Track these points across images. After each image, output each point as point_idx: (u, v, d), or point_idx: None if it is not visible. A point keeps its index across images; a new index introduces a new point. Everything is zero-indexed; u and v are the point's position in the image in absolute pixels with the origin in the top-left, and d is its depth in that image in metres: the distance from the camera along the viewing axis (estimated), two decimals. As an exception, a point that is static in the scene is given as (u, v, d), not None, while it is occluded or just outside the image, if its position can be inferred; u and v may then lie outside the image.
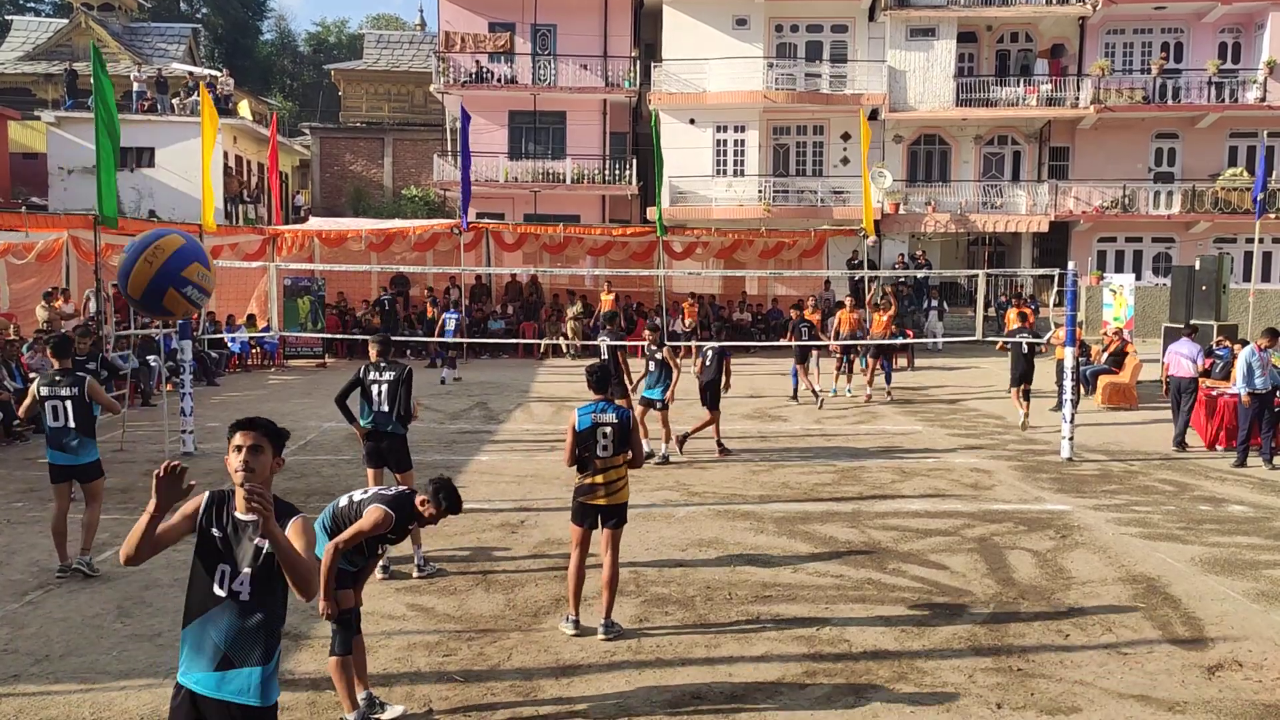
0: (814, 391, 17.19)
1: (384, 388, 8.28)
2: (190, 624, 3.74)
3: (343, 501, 5.82)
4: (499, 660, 6.46)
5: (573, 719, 5.68)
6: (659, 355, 12.42)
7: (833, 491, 11.02)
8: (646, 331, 12.99)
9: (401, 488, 5.96)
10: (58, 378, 8.18)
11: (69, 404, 8.08)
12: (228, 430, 3.82)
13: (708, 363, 13.14)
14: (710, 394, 12.96)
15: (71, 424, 8.08)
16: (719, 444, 12.95)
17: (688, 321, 22.48)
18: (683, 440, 12.82)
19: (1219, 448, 13.61)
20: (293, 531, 3.66)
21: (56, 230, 19.19)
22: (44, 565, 8.14)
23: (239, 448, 3.71)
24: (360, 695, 5.64)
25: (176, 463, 3.58)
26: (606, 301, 23.66)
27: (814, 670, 6.32)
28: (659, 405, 12.42)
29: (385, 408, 8.26)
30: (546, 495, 10.78)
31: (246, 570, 3.69)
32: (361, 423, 8.36)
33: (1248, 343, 13.28)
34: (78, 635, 6.82)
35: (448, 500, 5.74)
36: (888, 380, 18.34)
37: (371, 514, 5.52)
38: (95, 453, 8.26)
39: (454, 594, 7.69)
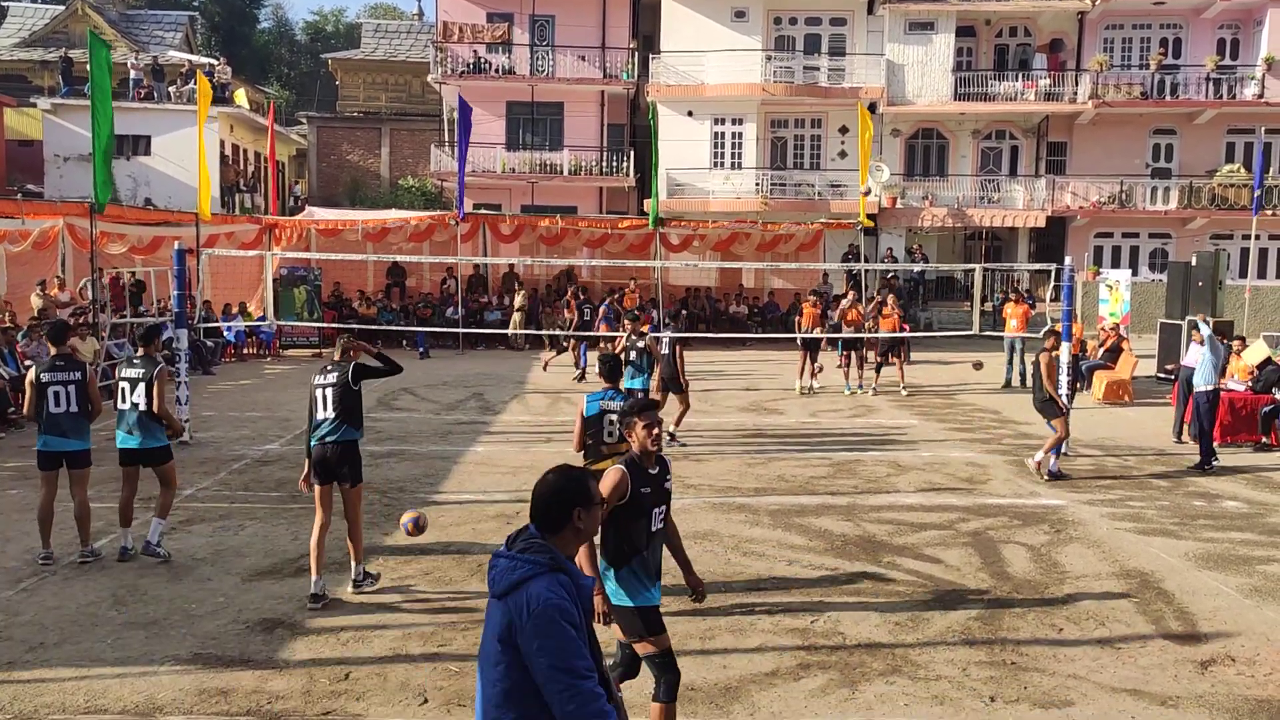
0: (806, 388, 17.54)
1: (329, 391, 7.32)
2: None
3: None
4: (494, 651, 6.46)
5: (567, 709, 5.68)
6: (640, 345, 12.45)
7: (828, 485, 11.04)
8: (626, 322, 13.05)
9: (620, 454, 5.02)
10: (59, 363, 8.16)
11: (73, 389, 8.07)
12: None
13: (664, 351, 13.03)
14: (673, 386, 13.03)
15: (74, 408, 8.07)
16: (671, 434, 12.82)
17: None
18: (672, 437, 12.79)
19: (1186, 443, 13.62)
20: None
21: (52, 218, 19.12)
22: (40, 552, 8.13)
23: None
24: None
25: None
26: (630, 298, 23.48)
27: (808, 662, 6.33)
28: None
29: (331, 413, 7.27)
30: (542, 486, 10.76)
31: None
32: (312, 438, 7.39)
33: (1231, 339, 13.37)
34: (72, 623, 6.82)
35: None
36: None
37: (609, 479, 4.78)
38: (89, 440, 8.26)
39: (449, 584, 7.70)
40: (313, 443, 7.34)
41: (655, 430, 4.95)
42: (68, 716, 5.53)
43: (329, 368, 7.49)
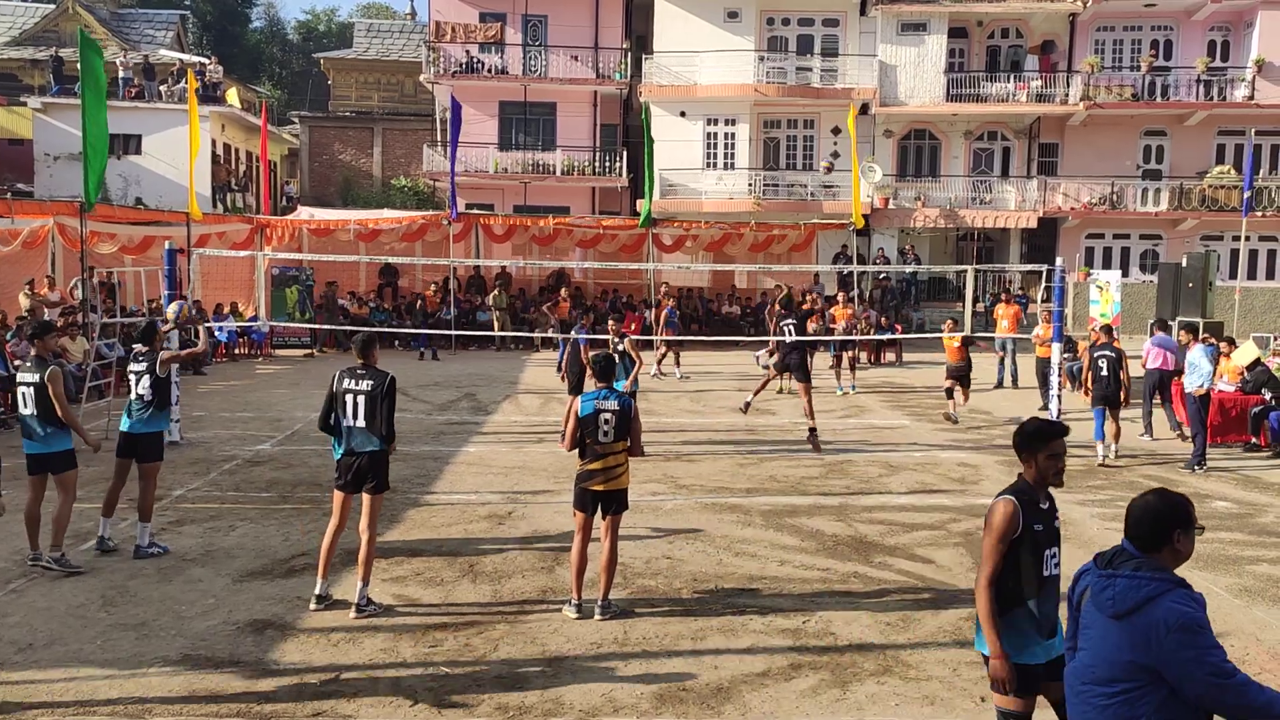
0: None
1: (360, 399, 7.05)
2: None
3: None
4: (485, 651, 6.46)
5: (559, 710, 5.69)
6: (621, 347, 12.51)
7: (820, 485, 11.05)
8: (610, 322, 13.14)
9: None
10: (28, 365, 8.01)
11: (31, 390, 7.80)
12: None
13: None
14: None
15: (33, 410, 7.79)
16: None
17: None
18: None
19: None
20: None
21: (42, 217, 19.04)
22: (28, 553, 8.09)
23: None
24: None
25: None
26: (666, 302, 23.21)
27: (799, 662, 6.34)
28: None
29: (361, 422, 7.05)
30: (534, 487, 10.78)
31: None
32: (335, 449, 7.25)
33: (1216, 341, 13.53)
34: (61, 624, 6.79)
35: None
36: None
37: (997, 511, 4.26)
38: (66, 443, 7.92)
39: (440, 585, 7.68)
40: (340, 454, 7.14)
41: (1061, 465, 4.35)
42: (56, 718, 5.51)
43: (359, 371, 7.14)
